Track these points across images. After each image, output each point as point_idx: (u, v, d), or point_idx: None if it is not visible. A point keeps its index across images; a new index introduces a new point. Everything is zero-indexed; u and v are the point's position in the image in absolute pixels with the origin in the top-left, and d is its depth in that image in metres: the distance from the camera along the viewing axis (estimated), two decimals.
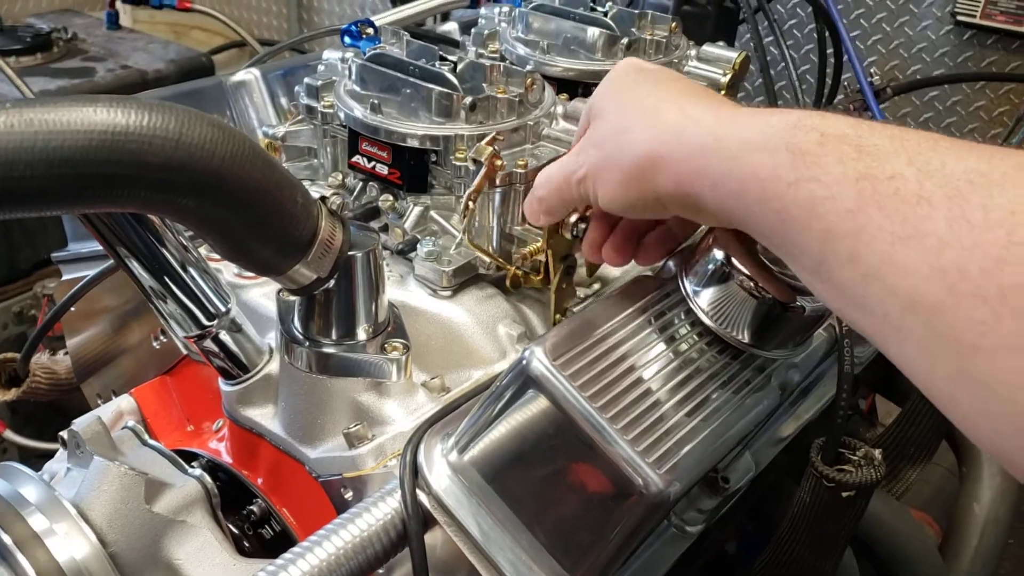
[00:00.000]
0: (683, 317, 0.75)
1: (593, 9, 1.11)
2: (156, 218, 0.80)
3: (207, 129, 0.64)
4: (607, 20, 1.06)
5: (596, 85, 0.76)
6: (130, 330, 1.13)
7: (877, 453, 0.80)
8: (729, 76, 1.06)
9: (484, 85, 0.92)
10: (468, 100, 0.87)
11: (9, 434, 1.38)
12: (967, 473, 1.12)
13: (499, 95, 0.89)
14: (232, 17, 3.36)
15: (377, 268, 0.80)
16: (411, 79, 0.89)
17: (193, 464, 0.88)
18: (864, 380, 1.14)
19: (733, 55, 1.09)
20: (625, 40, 1.05)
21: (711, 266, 0.73)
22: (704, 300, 0.74)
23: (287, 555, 0.69)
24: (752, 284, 0.71)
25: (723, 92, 1.06)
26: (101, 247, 0.83)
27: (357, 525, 0.72)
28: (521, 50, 1.09)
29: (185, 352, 0.98)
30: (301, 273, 0.75)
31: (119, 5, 2.41)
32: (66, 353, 1.21)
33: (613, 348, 0.71)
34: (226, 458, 0.92)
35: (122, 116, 0.61)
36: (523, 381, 0.68)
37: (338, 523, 0.72)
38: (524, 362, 0.68)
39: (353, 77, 0.93)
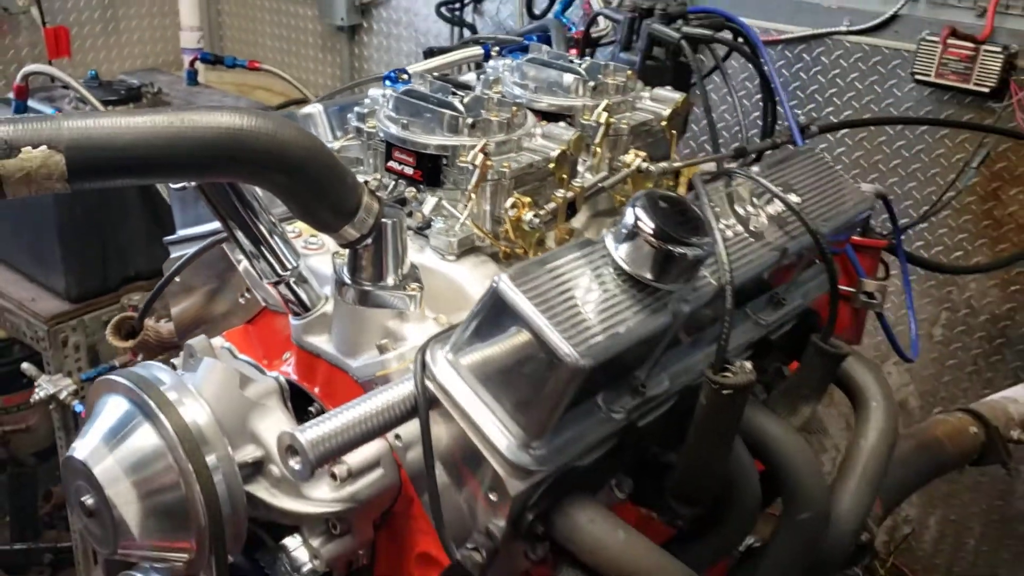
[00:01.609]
0: (608, 262, 1.10)
1: (571, 62, 1.48)
2: (252, 198, 1.17)
3: (293, 130, 1.02)
4: (579, 69, 1.44)
5: (570, 115, 1.12)
6: (216, 302, 1.50)
7: (748, 364, 1.13)
8: (669, 111, 1.42)
9: (482, 112, 1.29)
10: (469, 120, 1.25)
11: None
12: (858, 416, 1.44)
13: (492, 118, 1.26)
14: (295, 77, 3.82)
15: (402, 232, 1.16)
16: (431, 106, 1.27)
17: None
18: (779, 347, 1.46)
19: (677, 97, 1.46)
20: (592, 83, 1.42)
21: (624, 230, 1.08)
22: (622, 252, 1.09)
23: (332, 411, 1.04)
24: (653, 240, 1.06)
25: (664, 123, 1.42)
26: (202, 231, 1.22)
27: (383, 397, 1.07)
28: (516, 91, 1.46)
29: (263, 304, 1.35)
30: (348, 232, 1.12)
31: (198, 65, 2.83)
32: (168, 321, 1.58)
33: (556, 278, 1.06)
34: (292, 376, 1.28)
35: (239, 119, 0.99)
36: (492, 296, 1.03)
37: (370, 394, 1.07)
38: (494, 284, 1.03)
39: (390, 106, 1.31)
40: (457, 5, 3.43)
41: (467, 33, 3.37)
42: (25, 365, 2.61)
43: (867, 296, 1.56)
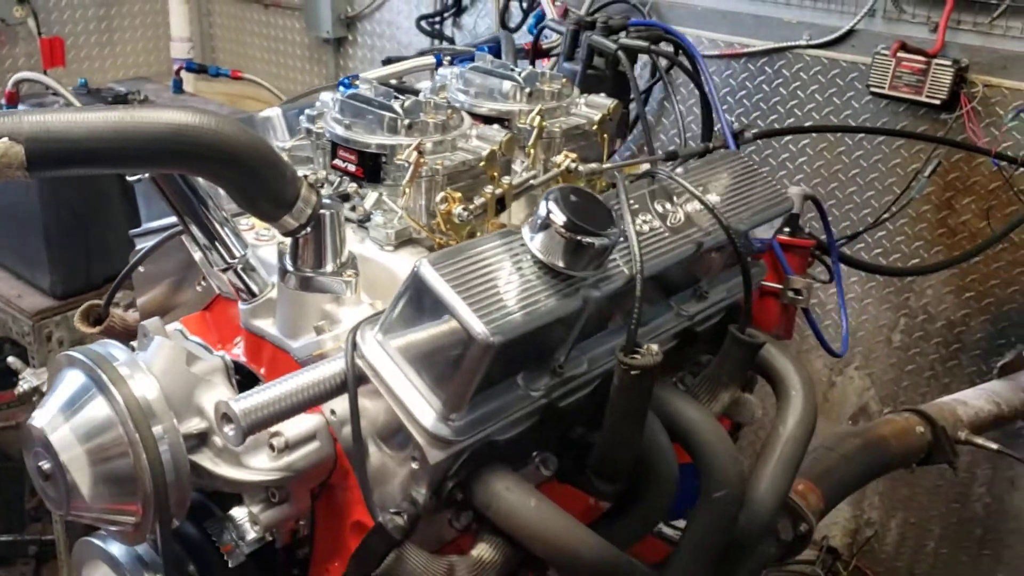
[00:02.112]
0: (525, 251, 1.19)
1: (512, 70, 1.58)
2: (204, 193, 1.27)
3: (234, 127, 1.12)
4: (518, 77, 1.54)
5: (507, 119, 1.21)
6: (178, 292, 1.60)
7: (655, 347, 1.22)
8: (600, 116, 1.52)
9: (421, 115, 1.39)
10: (407, 122, 1.35)
11: None
12: (779, 404, 1.53)
13: (429, 120, 1.36)
14: (282, 88, 3.93)
15: (339, 223, 1.26)
16: (372, 108, 1.37)
17: None
18: (706, 339, 1.55)
19: (608, 103, 1.56)
20: (528, 89, 1.52)
21: (538, 221, 1.18)
22: (536, 242, 1.19)
23: (266, 384, 1.13)
24: (563, 230, 1.15)
25: (595, 126, 1.52)
26: (164, 224, 1.32)
27: (315, 372, 1.16)
28: (460, 96, 1.56)
29: (218, 292, 1.45)
30: (288, 221, 1.21)
31: (183, 74, 2.94)
32: (135, 310, 1.68)
33: (475, 264, 1.15)
34: (242, 359, 1.38)
35: (184, 116, 1.09)
36: (414, 278, 1.13)
37: (303, 370, 1.17)
38: (415, 267, 1.13)
39: (336, 109, 1.41)
40: (437, 19, 3.55)
41: (446, 45, 3.49)
42: (11, 359, 2.71)
43: (794, 292, 1.65)
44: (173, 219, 1.53)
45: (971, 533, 2.98)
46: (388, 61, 1.86)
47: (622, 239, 1.23)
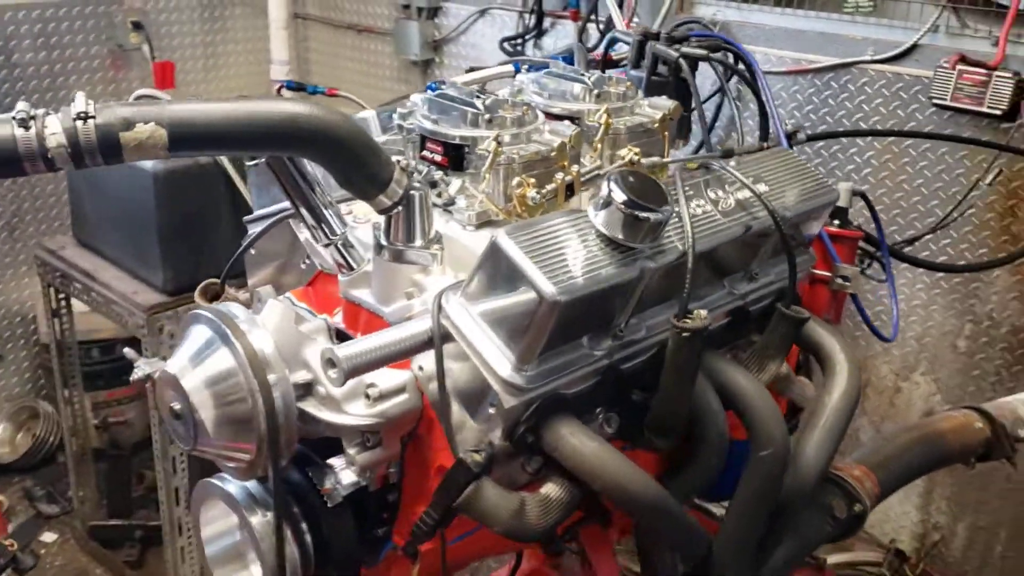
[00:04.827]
0: (589, 226, 1.36)
1: (582, 74, 1.76)
2: (312, 177, 1.47)
3: (338, 116, 1.32)
4: (587, 80, 1.71)
5: (577, 118, 1.38)
6: (285, 272, 1.80)
7: (704, 313, 1.37)
8: (662, 115, 1.69)
9: (499, 111, 1.57)
10: (487, 117, 1.53)
11: None
12: (825, 379, 1.66)
13: (506, 115, 1.55)
14: (371, 106, 4.18)
15: (427, 203, 1.45)
16: (457, 105, 1.56)
17: None
18: (757, 320, 1.69)
19: (669, 104, 1.72)
20: (596, 91, 1.69)
21: (601, 199, 1.35)
22: (599, 217, 1.36)
23: (362, 337, 1.32)
24: (622, 206, 1.32)
25: (656, 124, 1.69)
26: (273, 210, 1.52)
27: (404, 329, 1.35)
28: (535, 98, 1.74)
29: (319, 268, 1.65)
30: (382, 200, 1.40)
31: (284, 92, 3.20)
32: (245, 291, 1.90)
33: (545, 235, 1.33)
34: (341, 326, 1.57)
35: (297, 107, 1.29)
36: (492, 247, 1.31)
37: (394, 327, 1.35)
38: (493, 237, 1.31)
39: (425, 107, 1.61)
40: (519, 40, 3.76)
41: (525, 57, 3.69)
42: (127, 350, 2.97)
43: (842, 279, 1.78)
44: (280, 207, 1.75)
45: None
46: (471, 70, 2.05)
47: (675, 217, 1.39)
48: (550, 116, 1.69)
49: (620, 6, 3.27)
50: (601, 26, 3.34)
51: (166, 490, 3.17)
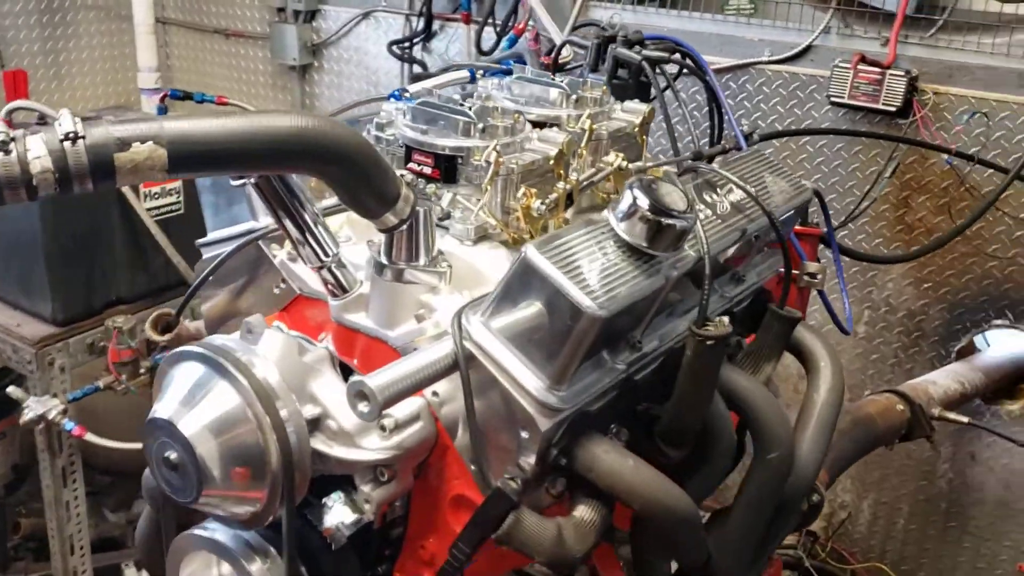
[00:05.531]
0: (610, 236, 1.32)
1: (552, 79, 1.71)
2: (300, 192, 1.36)
3: (344, 130, 1.22)
4: (562, 85, 1.67)
5: (555, 124, 1.34)
6: (244, 297, 1.67)
7: (726, 319, 1.36)
8: (639, 119, 1.67)
9: (489, 119, 1.50)
10: (480, 125, 1.46)
11: None
12: (810, 376, 1.68)
13: (498, 124, 1.49)
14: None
15: (432, 219, 1.37)
16: (446, 114, 1.48)
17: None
18: (739, 320, 1.70)
19: (644, 108, 1.70)
20: (574, 96, 1.65)
21: (624, 207, 1.31)
22: (623, 226, 1.31)
23: (389, 364, 1.23)
24: (648, 214, 1.28)
25: (636, 128, 1.66)
26: (231, 233, 1.41)
27: (427, 354, 1.26)
28: (509, 104, 1.68)
29: (298, 292, 1.53)
30: (389, 218, 1.31)
31: (168, 101, 3.00)
32: (198, 319, 1.75)
33: (570, 249, 1.27)
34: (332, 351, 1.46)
35: (303, 120, 1.19)
36: (522, 263, 1.24)
37: (417, 352, 1.26)
38: (523, 252, 1.24)
39: (408, 116, 1.52)
40: (407, 44, 3.67)
41: (417, 69, 3.61)
42: (11, 388, 2.71)
43: (809, 276, 1.81)
44: (239, 228, 1.62)
45: (937, 508, 3.20)
46: (417, 78, 1.97)
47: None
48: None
49: (515, 11, 3.24)
50: (497, 28, 3.30)
51: (59, 540, 2.90)
